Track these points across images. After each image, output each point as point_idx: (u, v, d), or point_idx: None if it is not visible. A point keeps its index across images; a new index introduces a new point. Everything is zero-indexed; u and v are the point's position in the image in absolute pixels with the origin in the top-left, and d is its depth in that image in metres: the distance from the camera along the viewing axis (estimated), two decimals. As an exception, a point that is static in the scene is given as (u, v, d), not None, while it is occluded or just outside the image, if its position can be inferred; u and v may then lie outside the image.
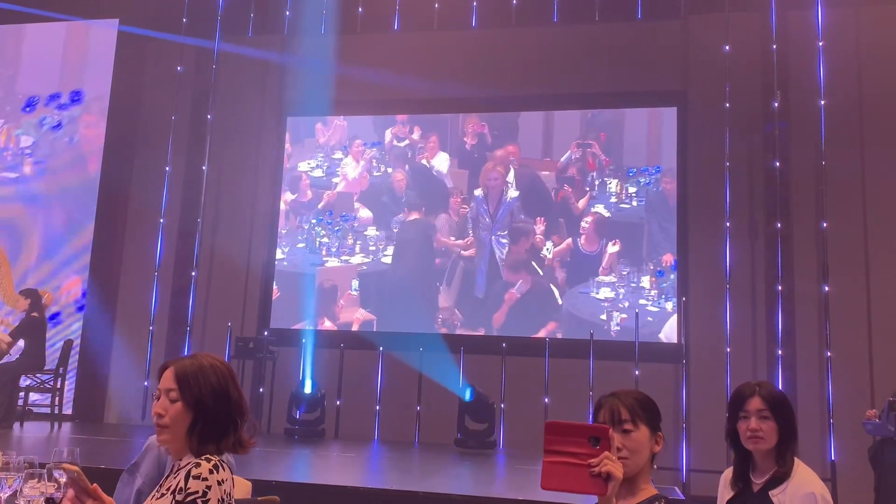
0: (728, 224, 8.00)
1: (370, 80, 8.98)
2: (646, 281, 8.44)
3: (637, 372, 7.73)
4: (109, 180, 9.60)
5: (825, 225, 7.72)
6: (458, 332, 8.75)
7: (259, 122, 9.62)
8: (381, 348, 8.59)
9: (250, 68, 9.52)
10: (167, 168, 9.24)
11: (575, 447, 1.72)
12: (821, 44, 7.95)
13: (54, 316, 9.31)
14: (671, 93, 8.67)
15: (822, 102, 7.85)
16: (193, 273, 9.09)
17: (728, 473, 2.70)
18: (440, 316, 8.85)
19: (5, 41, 10.37)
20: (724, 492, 2.68)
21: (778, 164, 8.04)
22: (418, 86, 9.02)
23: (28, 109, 10.13)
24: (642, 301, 8.41)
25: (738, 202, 8.14)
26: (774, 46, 8.14)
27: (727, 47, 8.20)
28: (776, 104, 8.07)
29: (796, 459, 2.58)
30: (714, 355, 7.76)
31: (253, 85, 9.59)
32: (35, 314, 8.09)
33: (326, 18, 9.49)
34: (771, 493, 2.52)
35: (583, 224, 8.71)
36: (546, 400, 7.95)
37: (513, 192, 8.94)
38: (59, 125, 9.98)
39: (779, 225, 7.93)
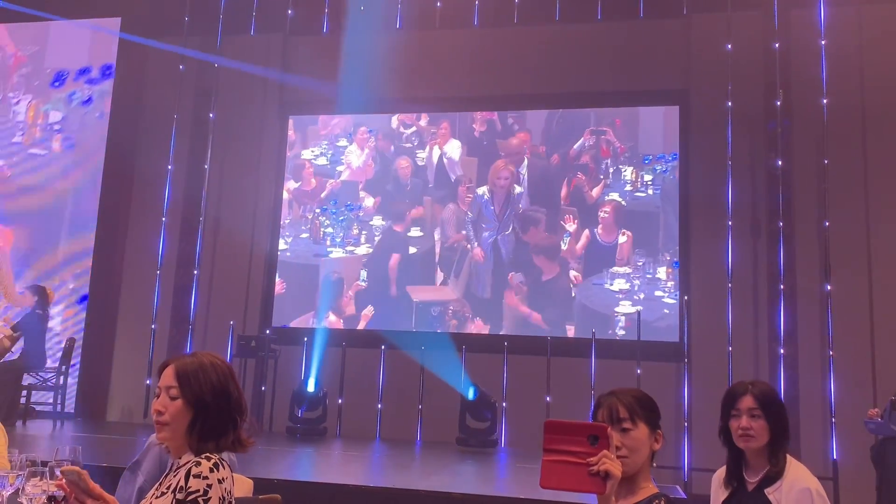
0: (730, 222, 7.99)
1: (371, 78, 8.96)
2: (662, 272, 8.33)
3: (639, 370, 7.72)
4: (112, 179, 9.58)
5: (827, 223, 7.69)
6: (469, 324, 8.69)
7: (261, 118, 9.61)
8: (382, 347, 8.59)
9: (252, 67, 9.50)
10: (169, 167, 9.24)
11: (574, 446, 1.73)
12: (823, 42, 7.93)
13: (84, 297, 9.26)
14: (673, 91, 8.66)
15: (825, 101, 7.83)
16: (196, 271, 9.10)
17: (720, 473, 2.71)
18: (451, 308, 8.77)
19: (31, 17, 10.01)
20: (718, 491, 2.69)
21: (780, 162, 8.03)
22: (419, 85, 9.02)
23: (57, 84, 9.85)
24: (658, 293, 8.30)
25: (741, 200, 8.12)
26: (777, 45, 8.12)
27: (729, 46, 8.18)
28: (778, 102, 8.05)
29: (788, 457, 2.59)
30: (716, 354, 7.74)
31: (255, 83, 9.57)
32: (39, 311, 8.09)
33: (328, 17, 9.49)
34: (766, 491, 2.54)
35: (601, 214, 8.58)
36: (548, 398, 7.95)
37: (519, 189, 8.84)
38: (89, 100, 9.71)
39: (781, 223, 7.91)
